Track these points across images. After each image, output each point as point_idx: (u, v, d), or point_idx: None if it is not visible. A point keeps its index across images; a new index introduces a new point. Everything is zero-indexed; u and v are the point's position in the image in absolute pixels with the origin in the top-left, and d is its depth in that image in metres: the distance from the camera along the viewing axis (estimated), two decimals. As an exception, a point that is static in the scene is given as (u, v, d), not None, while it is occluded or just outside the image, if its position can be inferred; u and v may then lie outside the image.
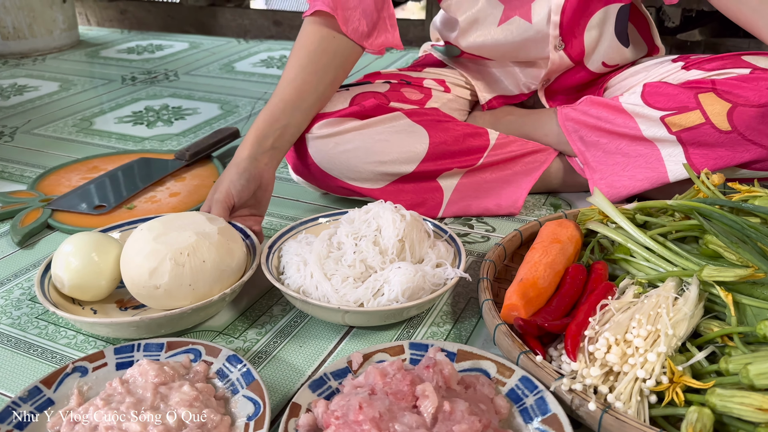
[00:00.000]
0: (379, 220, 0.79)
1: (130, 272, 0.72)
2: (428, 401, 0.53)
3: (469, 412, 0.53)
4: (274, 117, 0.90)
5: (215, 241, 0.73)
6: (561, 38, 1.03)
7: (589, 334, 0.61)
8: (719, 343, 0.63)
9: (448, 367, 0.58)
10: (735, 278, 0.64)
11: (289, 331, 0.76)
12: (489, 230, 0.99)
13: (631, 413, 0.56)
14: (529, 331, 0.65)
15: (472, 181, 1.02)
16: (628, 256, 0.77)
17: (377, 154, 0.97)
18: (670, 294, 0.66)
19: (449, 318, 0.78)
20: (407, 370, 0.58)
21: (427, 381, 0.56)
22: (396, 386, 0.55)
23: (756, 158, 0.91)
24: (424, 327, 0.76)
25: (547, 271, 0.74)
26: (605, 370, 0.59)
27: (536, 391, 0.58)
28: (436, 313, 0.79)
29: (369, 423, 0.50)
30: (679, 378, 0.57)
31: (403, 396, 0.54)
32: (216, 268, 0.72)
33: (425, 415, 0.52)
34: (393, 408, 0.53)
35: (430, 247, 0.80)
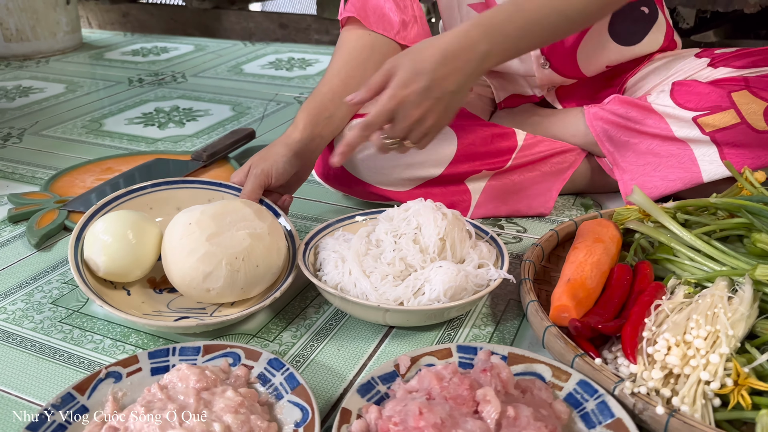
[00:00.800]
0: (419, 218, 0.76)
1: (182, 272, 0.70)
2: (491, 406, 0.50)
3: (534, 417, 0.50)
4: (323, 105, 0.88)
5: (267, 244, 0.72)
6: (544, 56, 1.02)
7: (647, 336, 0.59)
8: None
9: (505, 371, 0.55)
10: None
11: (326, 333, 0.73)
12: (520, 231, 0.97)
13: (698, 417, 0.54)
14: (584, 333, 0.63)
15: (501, 184, 1.00)
16: (671, 256, 0.76)
17: (406, 157, 0.95)
18: (724, 293, 0.64)
19: (490, 320, 0.75)
20: (462, 374, 0.56)
21: (486, 385, 0.54)
22: (454, 390, 0.52)
23: (792, 156, 0.89)
24: (466, 329, 0.74)
25: (594, 271, 0.72)
26: (665, 372, 0.57)
27: (597, 395, 0.56)
28: (476, 315, 0.76)
29: (431, 429, 0.48)
30: (745, 380, 0.55)
31: (463, 401, 0.52)
32: (268, 271, 0.72)
33: (488, 420, 0.50)
34: (454, 414, 0.50)
35: (472, 248, 0.77)
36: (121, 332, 0.74)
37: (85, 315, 0.77)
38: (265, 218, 0.74)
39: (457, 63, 0.72)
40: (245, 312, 0.69)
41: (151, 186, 0.85)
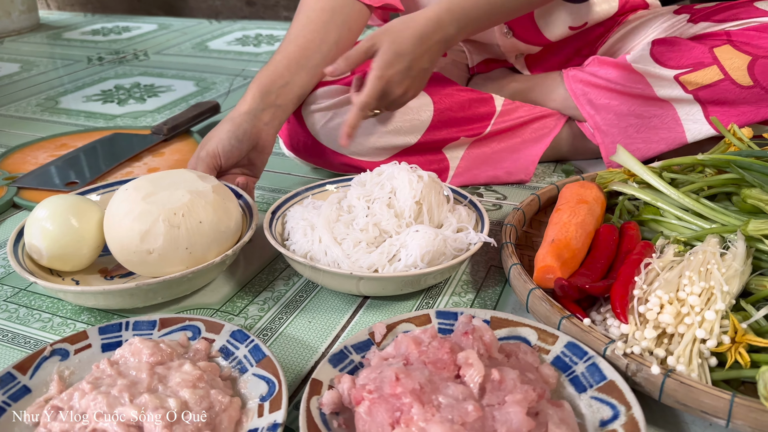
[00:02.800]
0: (393, 181, 0.71)
1: (118, 236, 0.64)
2: (473, 370, 0.46)
3: (521, 380, 0.46)
4: (277, 73, 0.82)
5: (211, 200, 0.66)
6: (507, 26, 0.98)
7: (637, 294, 0.55)
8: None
9: (488, 334, 0.51)
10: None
11: (295, 305, 0.68)
12: (500, 198, 0.92)
13: (694, 377, 0.50)
14: (570, 294, 0.58)
15: (480, 151, 0.96)
16: (658, 216, 0.72)
17: (379, 124, 0.90)
18: (717, 249, 0.60)
19: (471, 287, 0.71)
20: (442, 338, 0.51)
21: (468, 348, 0.49)
22: (434, 355, 0.48)
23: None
24: (445, 296, 0.69)
25: (579, 231, 0.68)
26: (659, 332, 0.53)
27: (587, 357, 0.52)
28: (456, 282, 0.72)
29: (409, 395, 0.43)
30: (743, 337, 0.51)
31: (443, 365, 0.47)
32: (214, 229, 0.65)
33: (471, 385, 0.45)
34: (434, 379, 0.46)
35: (450, 212, 0.73)
36: (72, 310, 0.68)
37: (33, 293, 0.71)
38: (210, 180, 0.69)
39: (430, 44, 0.79)
40: (189, 271, 0.62)
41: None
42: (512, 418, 0.43)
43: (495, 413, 0.43)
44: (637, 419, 0.45)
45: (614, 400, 0.48)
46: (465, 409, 0.43)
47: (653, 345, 0.52)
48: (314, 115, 0.88)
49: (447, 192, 0.74)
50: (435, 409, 0.43)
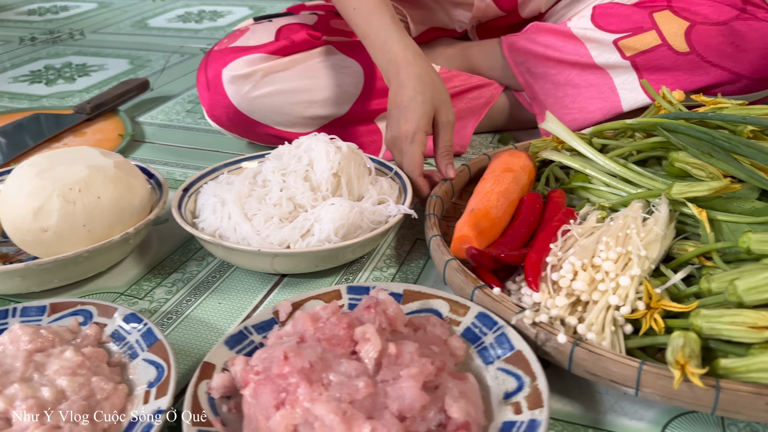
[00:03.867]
0: (311, 153, 0.68)
1: (11, 215, 0.59)
2: (369, 345, 0.43)
3: (419, 354, 0.43)
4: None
5: (111, 175, 0.61)
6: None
7: (551, 262, 0.53)
8: (696, 264, 0.56)
9: (392, 307, 0.48)
10: (709, 192, 0.57)
11: (206, 286, 0.64)
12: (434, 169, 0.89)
13: (606, 345, 0.48)
14: (484, 263, 0.56)
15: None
16: (587, 183, 0.70)
17: (306, 93, 0.86)
18: (638, 214, 0.58)
19: (394, 261, 0.68)
20: (344, 313, 0.48)
21: (369, 323, 0.46)
22: (330, 331, 0.45)
23: (715, 82, 0.84)
24: (366, 272, 0.66)
25: (501, 200, 0.65)
26: (572, 299, 0.51)
27: (496, 327, 0.49)
28: (379, 256, 0.69)
29: (297, 375, 0.40)
30: (658, 303, 0.49)
31: (338, 341, 0.44)
32: (115, 205, 0.61)
33: (366, 360, 0.42)
34: (327, 356, 0.43)
35: (372, 184, 0.69)
36: (-36, 298, 0.63)
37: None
38: (113, 156, 0.64)
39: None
40: (84, 249, 0.58)
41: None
42: (405, 393, 0.40)
43: (388, 389, 0.41)
44: (540, 390, 0.43)
45: (520, 371, 0.45)
46: (355, 387, 0.40)
47: (566, 313, 0.50)
48: (234, 85, 0.84)
49: (369, 163, 0.70)
50: (323, 388, 0.40)
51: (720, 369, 0.44)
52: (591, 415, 0.48)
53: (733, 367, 0.43)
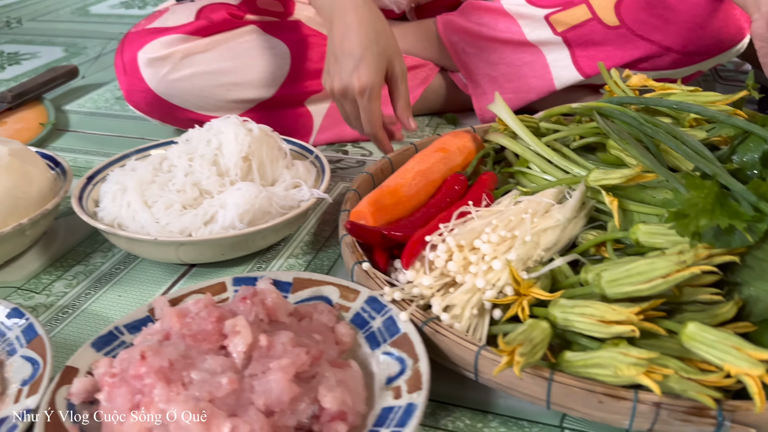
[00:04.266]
0: (220, 136, 0.65)
1: None
2: (238, 338, 0.40)
3: (293, 344, 0.41)
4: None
5: (5, 163, 0.58)
6: None
7: (434, 241, 0.51)
8: (594, 254, 0.54)
9: (271, 297, 0.45)
10: (621, 180, 0.55)
11: (108, 279, 0.61)
12: (366, 154, 0.87)
13: (460, 327, 0.46)
14: (368, 238, 0.54)
15: (345, 103, 0.90)
16: (525, 168, 0.68)
17: (229, 76, 0.83)
18: (543, 200, 0.56)
19: (311, 248, 0.65)
20: (218, 307, 0.45)
21: (245, 315, 0.43)
22: (198, 326, 0.42)
23: (645, 55, 0.83)
24: (280, 260, 0.63)
25: (418, 179, 0.63)
26: (445, 280, 0.49)
27: (384, 311, 0.47)
28: (297, 243, 0.66)
29: (153, 375, 0.37)
30: (527, 289, 0.47)
31: (205, 336, 0.41)
32: (8, 195, 0.58)
33: (234, 354, 0.40)
34: (191, 353, 0.40)
35: (287, 168, 0.67)
36: None
37: None
38: (10, 143, 0.61)
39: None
40: None
41: None
42: (273, 386, 0.38)
43: (255, 383, 0.38)
44: (421, 372, 0.41)
45: (404, 353, 0.44)
46: (218, 383, 0.37)
47: (431, 292, 0.48)
48: (151, 68, 0.80)
49: (283, 146, 0.68)
50: (183, 387, 0.37)
51: (563, 362, 0.42)
52: (486, 398, 0.46)
53: (573, 360, 0.41)
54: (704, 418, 0.39)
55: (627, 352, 0.40)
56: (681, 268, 0.41)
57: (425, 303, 0.49)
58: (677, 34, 0.79)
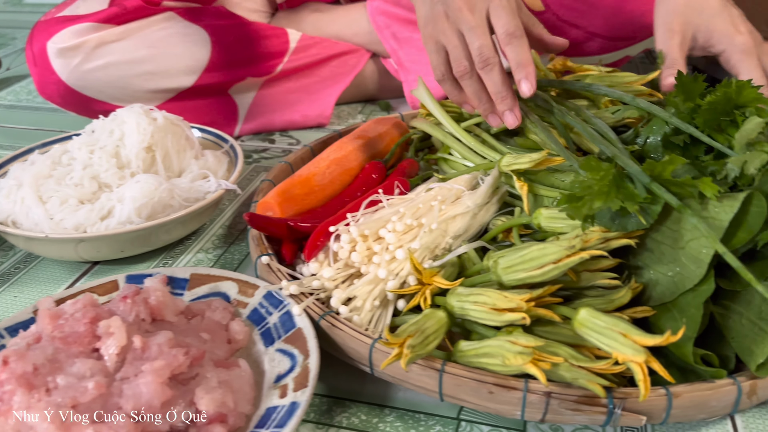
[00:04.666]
0: (123, 126, 0.62)
1: None
2: (111, 339, 0.38)
3: (170, 345, 0.38)
4: None
5: None
6: None
7: (334, 231, 0.49)
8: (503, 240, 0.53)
9: (156, 295, 0.43)
10: (530, 164, 0.54)
11: (5, 279, 0.58)
12: (293, 143, 0.84)
13: (359, 320, 0.44)
14: (271, 230, 0.52)
15: (272, 93, 0.87)
16: (447, 154, 0.66)
17: (145, 65, 0.79)
18: (454, 186, 0.54)
19: (223, 242, 0.63)
20: (96, 307, 0.42)
21: (125, 315, 0.41)
22: (70, 328, 0.39)
23: (572, 41, 0.82)
24: (189, 254, 0.61)
25: (333, 167, 0.61)
26: (350, 271, 0.47)
27: (281, 306, 0.45)
28: (209, 237, 0.64)
29: (15, 381, 0.35)
30: (430, 278, 0.45)
31: (77, 339, 0.39)
32: None
33: (106, 357, 0.38)
34: (59, 356, 0.37)
35: (195, 158, 0.64)
36: None
37: None
38: None
39: None
40: None
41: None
42: (143, 390, 0.35)
43: (125, 387, 0.36)
44: (309, 368, 0.39)
45: (296, 349, 0.42)
46: (83, 388, 0.35)
47: (334, 284, 0.46)
48: (62, 58, 0.76)
49: (191, 135, 0.65)
50: (46, 393, 0.35)
51: (457, 352, 0.41)
52: (385, 393, 0.45)
53: (466, 350, 0.40)
54: (594, 406, 0.38)
55: (515, 341, 0.39)
56: (571, 253, 0.40)
57: (328, 296, 0.48)
58: (602, 20, 0.79)
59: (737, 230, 0.38)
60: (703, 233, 0.38)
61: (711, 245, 0.38)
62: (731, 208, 0.37)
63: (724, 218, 0.37)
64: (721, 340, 0.43)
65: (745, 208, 0.38)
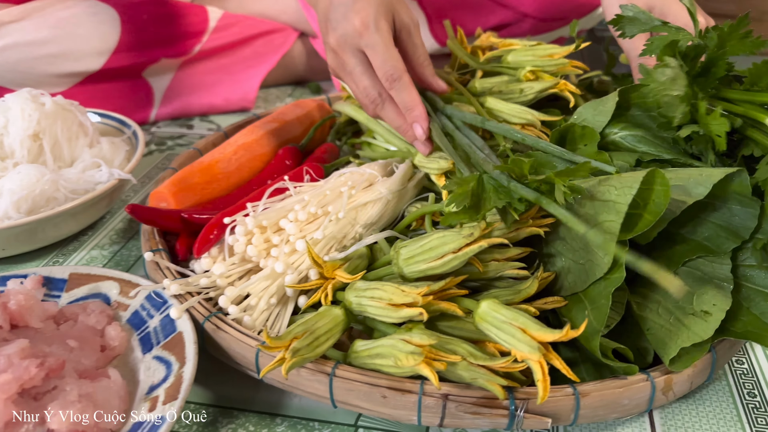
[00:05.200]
0: (8, 113, 0.56)
1: None
2: (-51, 350, 0.33)
3: (22, 355, 0.34)
4: None
5: None
6: None
7: (237, 223, 0.45)
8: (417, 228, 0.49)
9: (18, 299, 0.38)
10: (438, 172, 0.50)
11: None
12: (213, 129, 0.79)
13: (250, 320, 0.40)
14: (165, 223, 0.48)
15: (190, 75, 0.82)
16: (372, 138, 0.62)
17: (47, 46, 0.73)
18: (367, 171, 0.50)
19: (121, 237, 0.58)
20: None
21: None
22: None
23: (502, 22, 0.79)
24: (82, 251, 0.56)
25: (240, 153, 0.57)
26: (247, 266, 0.43)
27: (164, 308, 0.41)
28: (106, 231, 0.58)
29: None
30: (332, 272, 0.41)
31: None
32: None
33: (-59, 371, 0.33)
34: None
35: (89, 146, 0.58)
36: None
37: None
38: None
39: None
40: None
41: None
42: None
43: (-43, 407, 0.31)
44: (183, 377, 0.35)
45: (174, 356, 0.37)
46: None
47: (227, 282, 0.42)
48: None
49: (85, 121, 0.59)
50: None
51: (352, 352, 0.37)
52: (278, 400, 0.41)
53: (360, 351, 0.37)
54: (495, 409, 0.35)
55: (409, 339, 0.35)
56: (470, 241, 0.37)
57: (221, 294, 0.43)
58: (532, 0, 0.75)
59: (643, 212, 0.35)
60: (586, 229, 0.35)
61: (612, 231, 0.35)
62: (630, 190, 0.34)
63: (622, 201, 0.34)
64: (640, 331, 0.40)
65: (648, 188, 0.35)
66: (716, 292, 0.37)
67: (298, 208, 0.44)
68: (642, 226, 0.35)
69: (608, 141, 0.47)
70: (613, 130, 0.47)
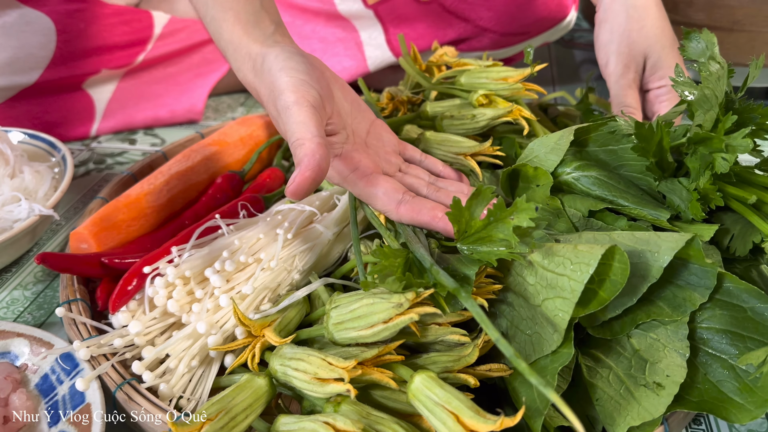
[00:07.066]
0: None
1: None
2: None
3: None
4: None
5: None
6: None
7: (161, 271, 0.41)
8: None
9: None
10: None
11: None
12: (156, 144, 0.75)
13: (165, 389, 0.37)
14: (83, 270, 0.44)
15: (134, 84, 0.77)
16: None
17: None
18: (306, 208, 0.46)
19: (47, 275, 0.53)
20: None
21: None
22: None
23: (460, 35, 0.75)
24: (5, 291, 0.51)
25: (174, 183, 0.53)
26: (168, 321, 0.40)
27: (75, 372, 0.37)
28: (31, 269, 0.54)
29: None
30: (260, 330, 0.38)
31: None
32: None
33: None
34: None
35: (10, 177, 0.54)
36: None
37: None
38: None
39: None
40: None
41: None
42: None
43: None
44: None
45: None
46: None
47: (145, 341, 0.39)
48: None
49: (5, 150, 0.55)
50: None
51: (273, 430, 0.34)
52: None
53: (282, 430, 0.33)
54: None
55: (333, 424, 0.32)
56: (400, 312, 0.34)
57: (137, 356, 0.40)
58: (492, 13, 0.72)
59: (599, 289, 0.32)
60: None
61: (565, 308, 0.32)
62: (587, 268, 0.31)
63: (578, 279, 0.31)
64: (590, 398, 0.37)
65: (606, 263, 0.32)
66: (671, 360, 0.35)
67: (226, 255, 0.40)
68: (596, 305, 0.32)
69: (561, 181, 0.44)
70: (566, 170, 0.44)
